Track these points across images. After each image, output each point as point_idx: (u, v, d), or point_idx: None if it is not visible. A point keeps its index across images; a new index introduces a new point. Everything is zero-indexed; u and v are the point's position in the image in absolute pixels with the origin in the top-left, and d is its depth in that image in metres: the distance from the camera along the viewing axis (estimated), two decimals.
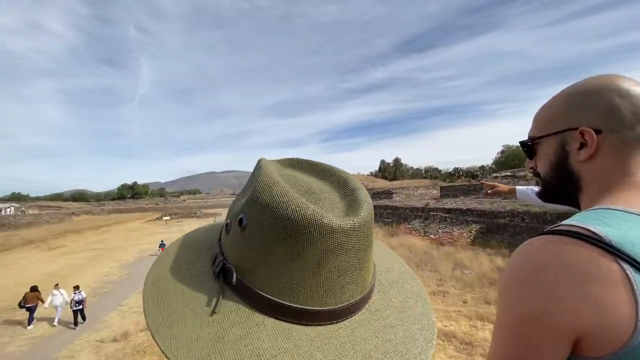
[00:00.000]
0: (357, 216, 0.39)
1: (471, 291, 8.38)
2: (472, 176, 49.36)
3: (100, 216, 61.66)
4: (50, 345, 7.32)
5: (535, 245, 0.46)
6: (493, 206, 15.36)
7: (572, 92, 0.56)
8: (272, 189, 0.38)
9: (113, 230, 37.68)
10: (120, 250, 21.46)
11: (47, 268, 16.08)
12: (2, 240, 26.68)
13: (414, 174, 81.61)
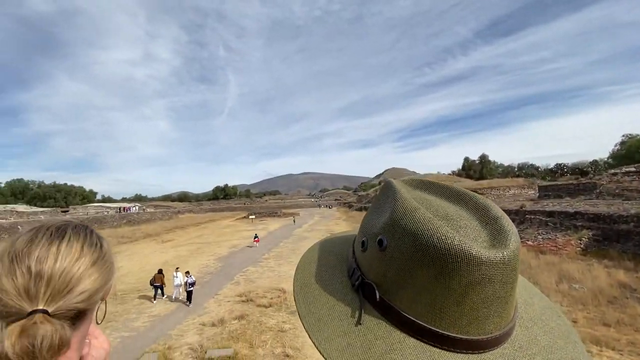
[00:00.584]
0: (506, 249, 0.36)
1: (583, 309, 7.12)
2: (581, 173, 41.73)
3: (199, 214, 70.68)
4: (166, 324, 8.71)
5: None
6: (611, 209, 12.80)
7: None
8: (415, 215, 0.38)
9: (209, 227, 42.80)
10: (215, 245, 24.27)
11: (161, 258, 19.12)
12: (129, 233, 32.71)
13: (505, 171, 72.65)
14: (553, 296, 7.98)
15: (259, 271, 14.61)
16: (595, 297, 7.54)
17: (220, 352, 6.64)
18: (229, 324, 8.36)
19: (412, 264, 0.38)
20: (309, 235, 28.04)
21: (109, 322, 8.39)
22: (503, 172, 73.17)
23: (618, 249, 10.99)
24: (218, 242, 25.97)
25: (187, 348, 7.12)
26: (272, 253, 19.28)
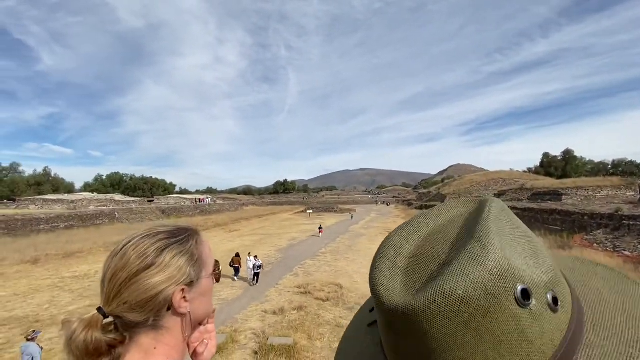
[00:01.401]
0: (422, 294, 0.31)
1: None
2: None
3: (261, 207, 74.86)
4: (233, 308, 9.43)
5: None
6: None
7: None
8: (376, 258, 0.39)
9: (270, 219, 45.09)
10: (276, 237, 25.49)
11: (229, 246, 20.73)
12: (202, 222, 36.05)
13: (595, 169, 62.74)
14: None
15: (317, 265, 14.95)
16: None
17: (281, 340, 6.95)
18: (289, 313, 8.73)
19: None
20: (365, 232, 27.80)
21: None
22: (593, 169, 63.26)
23: None
24: (278, 234, 27.22)
25: (250, 333, 7.62)
26: (329, 248, 19.57)
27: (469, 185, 56.36)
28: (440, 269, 0.33)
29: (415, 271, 0.35)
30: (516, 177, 55.78)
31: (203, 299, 0.56)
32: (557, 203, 24.01)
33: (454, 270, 0.30)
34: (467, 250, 0.32)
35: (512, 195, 36.85)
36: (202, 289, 0.55)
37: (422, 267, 0.35)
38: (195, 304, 0.54)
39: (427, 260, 0.36)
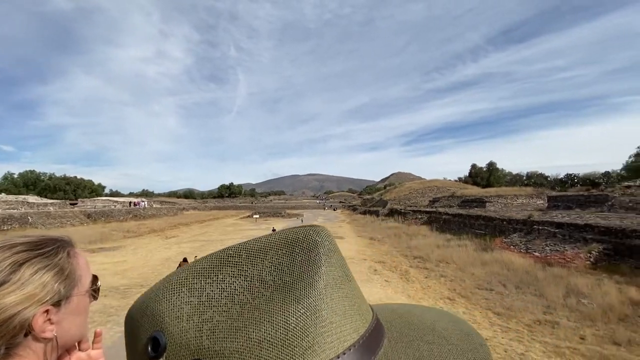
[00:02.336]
0: None
1: (592, 325, 6.89)
2: (593, 184, 40.96)
3: (203, 212, 71.11)
4: None
5: None
6: (624, 223, 12.48)
7: None
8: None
9: (213, 224, 42.97)
10: (218, 243, 24.30)
11: (164, 253, 19.19)
12: (135, 228, 32.97)
13: (513, 180, 71.67)
14: (560, 310, 7.75)
15: None
16: (605, 314, 7.29)
17: None
18: None
19: None
20: None
21: (110, 317, 8.38)
22: (511, 180, 72.17)
23: (630, 265, 10.66)
24: (222, 240, 26.02)
25: None
26: None
27: (407, 192, 60.10)
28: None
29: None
30: (448, 185, 60.99)
31: (75, 320, 0.47)
32: (482, 209, 26.76)
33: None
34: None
35: (444, 202, 40.15)
36: (75, 308, 0.47)
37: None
38: (64, 326, 0.45)
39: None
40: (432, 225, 26.76)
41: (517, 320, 7.38)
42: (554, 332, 6.74)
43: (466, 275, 11.46)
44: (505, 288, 9.73)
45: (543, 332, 6.77)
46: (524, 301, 8.51)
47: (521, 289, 9.52)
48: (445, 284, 10.74)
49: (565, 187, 47.34)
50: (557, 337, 6.50)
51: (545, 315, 7.59)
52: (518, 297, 8.91)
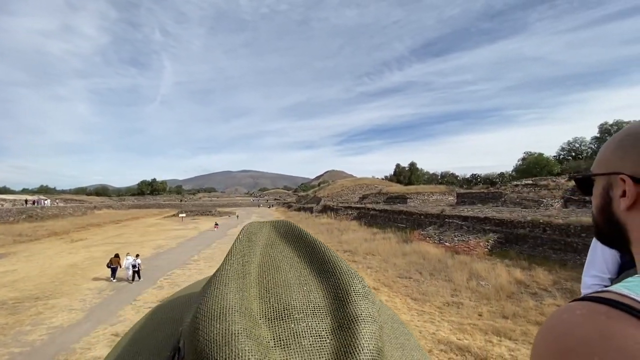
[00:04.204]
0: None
1: (487, 304, 8.11)
2: (491, 183, 48.06)
3: (120, 211, 63.61)
4: (69, 336, 7.57)
5: (577, 314, 0.37)
6: (513, 215, 14.89)
7: (628, 132, 0.50)
8: (213, 326, 0.24)
9: (132, 225, 38.77)
10: (138, 245, 22.02)
11: (69, 259, 16.67)
12: (29, 231, 27.90)
13: (430, 179, 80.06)
14: (464, 292, 8.95)
15: (187, 274, 13.65)
16: (497, 293, 8.66)
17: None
18: None
19: None
20: None
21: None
22: (428, 179, 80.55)
23: (516, 250, 12.84)
24: (141, 242, 23.64)
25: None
26: (203, 255, 18.21)
27: (340, 189, 62.57)
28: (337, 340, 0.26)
29: (293, 342, 0.26)
30: (376, 183, 65.26)
31: None
32: (404, 205, 29.29)
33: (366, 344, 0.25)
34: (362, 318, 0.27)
35: (372, 199, 42.83)
36: None
37: (299, 335, 0.26)
38: None
39: (297, 320, 0.27)
40: (361, 221, 28.34)
41: (430, 304, 8.30)
42: (459, 311, 7.76)
43: (389, 265, 12.44)
44: (421, 275, 10.84)
45: (450, 312, 7.74)
46: (436, 286, 9.61)
47: (434, 275, 10.72)
48: (371, 275, 11.49)
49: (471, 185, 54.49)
50: (461, 315, 7.50)
51: (452, 297, 8.69)
52: (432, 283, 10.02)
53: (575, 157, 50.70)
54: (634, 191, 0.46)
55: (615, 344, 0.32)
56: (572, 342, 0.34)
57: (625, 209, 0.48)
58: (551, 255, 11.76)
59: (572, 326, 0.36)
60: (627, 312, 0.34)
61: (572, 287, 8.66)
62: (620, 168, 0.49)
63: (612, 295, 0.36)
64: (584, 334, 0.34)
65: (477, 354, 5.61)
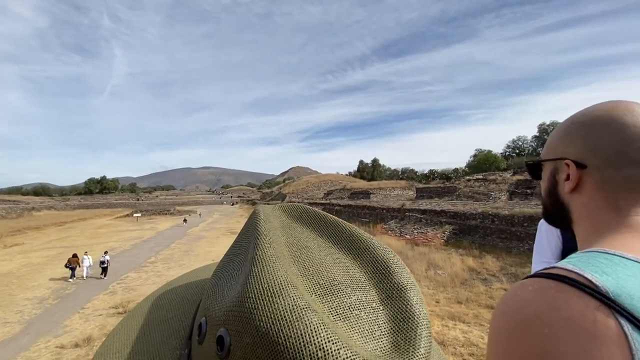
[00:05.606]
0: (413, 356, 0.24)
1: (444, 291, 8.59)
2: (446, 178, 50.93)
3: (64, 212, 58.30)
4: (6, 350, 6.79)
5: (529, 289, 0.41)
6: (465, 208, 15.89)
7: (573, 120, 0.54)
8: (276, 303, 0.23)
9: (78, 227, 35.69)
10: (86, 248, 20.32)
11: (2, 267, 14.95)
12: None
13: (391, 175, 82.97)
14: (423, 281, 9.42)
15: (143, 277, 12.87)
16: (452, 280, 9.22)
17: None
18: (99, 341, 7.06)
19: None
20: (206, 234, 26.23)
21: None
22: (390, 175, 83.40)
23: (469, 240, 13.75)
24: (90, 245, 21.83)
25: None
26: (161, 256, 17.28)
27: (305, 185, 62.60)
28: (389, 309, 0.27)
29: (350, 315, 0.26)
30: (340, 179, 66.21)
31: None
32: (367, 200, 30.06)
33: (419, 310, 0.27)
34: (408, 285, 0.28)
35: (337, 194, 43.44)
36: None
37: (354, 307, 0.26)
38: None
39: (347, 293, 0.27)
40: None
41: None
42: None
43: None
44: None
45: None
46: None
47: None
48: None
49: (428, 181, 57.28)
50: None
51: None
52: None
53: (518, 154, 55.40)
54: (577, 175, 0.51)
55: (563, 314, 0.36)
56: (525, 315, 0.39)
57: (568, 192, 0.53)
58: (498, 244, 12.75)
59: (525, 301, 0.40)
60: (571, 285, 0.38)
61: (516, 272, 9.47)
62: (565, 154, 0.53)
63: (559, 271, 0.41)
64: (536, 307, 0.38)
65: (435, 339, 5.85)
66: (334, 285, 0.27)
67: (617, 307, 0.36)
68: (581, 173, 0.51)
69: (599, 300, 0.36)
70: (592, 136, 0.50)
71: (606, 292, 0.37)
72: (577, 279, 0.38)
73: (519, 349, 0.38)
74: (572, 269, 0.40)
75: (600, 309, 0.36)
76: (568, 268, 0.40)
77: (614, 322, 0.35)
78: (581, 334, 0.35)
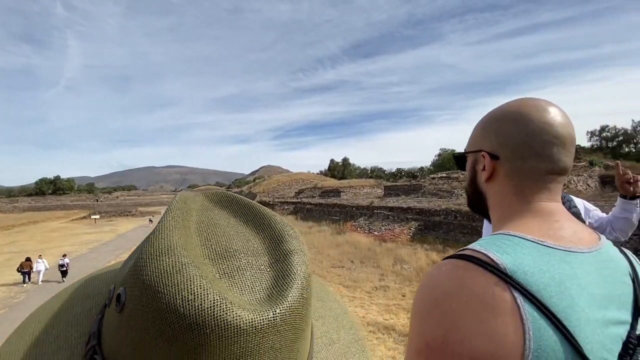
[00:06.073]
0: (281, 304, 0.28)
1: (409, 285, 8.95)
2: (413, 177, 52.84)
3: (11, 214, 53.48)
4: None
5: (443, 269, 0.47)
6: (430, 205, 16.59)
7: (489, 115, 0.60)
8: (162, 260, 0.27)
9: (28, 230, 32.90)
10: (38, 253, 18.79)
11: None
12: None
13: (361, 173, 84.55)
14: (390, 276, 9.74)
15: None
16: (417, 275, 9.63)
17: None
18: None
19: (150, 337, 0.26)
20: None
21: None
22: (360, 173, 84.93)
23: (433, 236, 14.39)
24: (41, 250, 20.21)
25: None
26: (122, 258, 16.35)
27: (276, 184, 62.03)
28: (274, 270, 0.31)
29: (236, 274, 0.30)
30: (311, 178, 66.35)
31: None
32: (338, 199, 30.44)
33: (298, 270, 0.31)
34: (295, 251, 0.33)
35: (308, 193, 43.53)
36: None
37: (242, 269, 0.31)
38: None
39: (239, 258, 0.32)
40: (297, 215, 28.60)
41: (360, 290, 8.83)
42: (386, 294, 8.41)
43: (324, 257, 12.84)
44: (353, 264, 11.45)
45: (378, 295, 8.35)
46: (366, 273, 10.25)
47: (364, 263, 11.41)
48: None
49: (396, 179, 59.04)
50: (387, 298, 8.14)
51: (380, 282, 9.38)
52: (362, 270, 10.65)
53: None
54: (491, 165, 0.57)
55: (468, 290, 0.43)
56: (438, 293, 0.44)
57: (485, 181, 0.59)
58: (460, 239, 13.47)
59: (438, 279, 0.46)
60: (477, 264, 0.44)
61: None
62: (482, 146, 0.59)
63: (469, 252, 0.46)
64: (446, 284, 0.44)
65: (401, 331, 6.17)
66: (228, 252, 0.32)
67: (513, 282, 0.41)
68: (495, 164, 0.57)
69: (498, 277, 0.42)
70: (503, 130, 0.56)
71: (504, 269, 0.42)
72: (482, 259, 0.44)
73: (431, 324, 0.44)
74: (479, 250, 0.46)
75: (498, 284, 0.41)
76: (476, 249, 0.46)
77: (509, 295, 0.41)
78: (482, 307, 0.41)
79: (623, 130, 27.02)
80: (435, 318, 0.44)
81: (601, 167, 21.88)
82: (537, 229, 0.50)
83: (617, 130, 27.45)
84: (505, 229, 0.52)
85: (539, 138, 0.53)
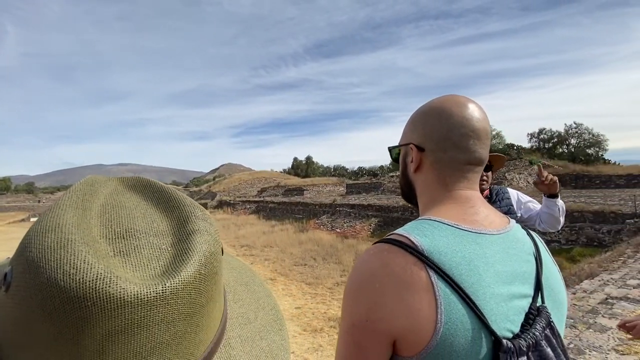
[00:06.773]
0: (172, 279, 0.28)
1: None
2: (374, 175, 54.43)
3: None
4: None
5: (371, 253, 0.52)
6: (389, 202, 17.25)
7: (419, 111, 0.65)
8: (47, 236, 0.26)
9: None
10: None
11: None
12: None
13: (324, 171, 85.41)
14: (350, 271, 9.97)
15: None
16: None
17: None
18: None
19: (33, 313, 0.25)
20: None
21: None
22: (323, 172, 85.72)
23: (392, 231, 14.96)
24: None
25: None
26: None
27: (237, 183, 60.52)
28: (175, 249, 0.31)
29: (132, 252, 0.30)
30: (275, 176, 65.67)
31: None
32: (301, 197, 30.49)
33: (198, 247, 0.31)
34: (199, 231, 0.32)
35: (271, 192, 43.05)
36: None
37: (140, 247, 0.30)
38: None
39: (138, 238, 0.31)
40: (260, 214, 28.15)
41: (322, 286, 8.95)
42: None
43: (286, 255, 12.81)
44: (315, 261, 11.56)
45: (339, 291, 8.53)
46: (328, 269, 10.41)
47: (327, 260, 11.57)
48: (268, 266, 11.62)
49: (357, 177, 60.46)
50: None
51: (341, 277, 9.58)
52: (324, 267, 10.80)
53: None
54: (418, 157, 0.62)
55: (388, 269, 0.47)
56: (364, 274, 0.49)
57: (413, 172, 0.64)
58: None
59: (365, 262, 0.51)
60: (399, 246, 0.48)
61: None
62: (411, 139, 0.64)
63: (393, 236, 0.52)
64: (371, 266, 0.49)
65: None
66: (129, 232, 0.31)
67: (429, 261, 0.46)
68: (421, 155, 0.62)
69: (416, 257, 0.47)
70: (428, 123, 0.61)
71: (422, 250, 0.47)
72: (404, 241, 0.49)
73: (357, 304, 0.49)
74: (402, 233, 0.51)
75: (416, 263, 0.46)
76: (400, 233, 0.52)
77: (425, 273, 0.45)
78: (400, 285, 0.46)
79: (557, 133, 30.08)
80: (360, 298, 0.49)
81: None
82: (454, 214, 0.56)
83: (552, 133, 30.49)
84: (427, 214, 0.58)
85: (457, 131, 0.58)
